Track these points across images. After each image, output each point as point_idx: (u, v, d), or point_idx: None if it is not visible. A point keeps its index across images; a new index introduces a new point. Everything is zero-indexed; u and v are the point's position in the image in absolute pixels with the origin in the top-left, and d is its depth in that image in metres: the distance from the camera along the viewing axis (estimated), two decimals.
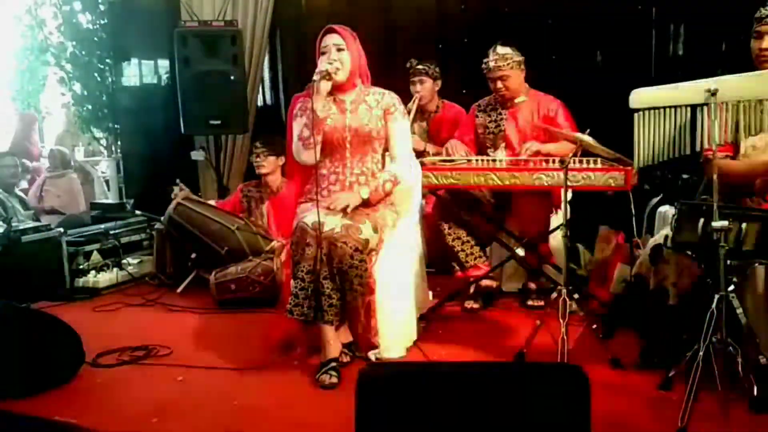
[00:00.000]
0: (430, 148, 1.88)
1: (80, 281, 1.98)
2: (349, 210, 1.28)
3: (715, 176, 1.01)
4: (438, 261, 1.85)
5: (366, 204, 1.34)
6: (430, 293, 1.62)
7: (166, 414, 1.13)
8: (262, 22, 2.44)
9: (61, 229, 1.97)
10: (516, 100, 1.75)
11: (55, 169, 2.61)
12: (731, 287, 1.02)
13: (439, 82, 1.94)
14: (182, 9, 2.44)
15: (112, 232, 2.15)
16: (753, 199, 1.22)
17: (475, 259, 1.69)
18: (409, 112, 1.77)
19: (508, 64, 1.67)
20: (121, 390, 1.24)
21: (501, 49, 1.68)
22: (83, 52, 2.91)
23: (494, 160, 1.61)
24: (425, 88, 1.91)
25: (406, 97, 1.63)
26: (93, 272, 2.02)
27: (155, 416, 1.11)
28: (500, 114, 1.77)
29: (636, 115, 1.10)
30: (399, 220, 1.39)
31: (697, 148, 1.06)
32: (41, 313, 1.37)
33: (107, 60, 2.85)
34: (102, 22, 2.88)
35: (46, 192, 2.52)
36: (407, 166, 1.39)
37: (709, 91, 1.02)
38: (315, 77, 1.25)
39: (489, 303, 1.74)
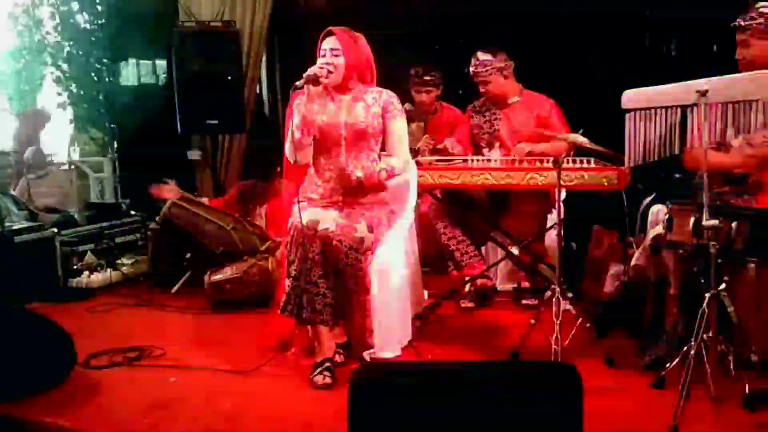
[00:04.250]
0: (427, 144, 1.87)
1: (74, 281, 1.97)
2: (337, 183, 1.27)
3: (705, 175, 1.02)
4: (433, 260, 1.86)
5: (359, 194, 1.33)
6: (426, 292, 1.62)
7: (158, 416, 1.12)
8: (260, 23, 2.44)
9: (55, 229, 1.96)
10: (509, 101, 1.76)
11: (35, 170, 2.51)
12: (722, 286, 1.03)
13: (441, 87, 1.96)
14: (180, 9, 2.44)
15: (106, 232, 2.14)
16: (744, 198, 1.23)
17: (470, 258, 1.70)
18: (409, 117, 1.77)
19: (486, 71, 1.69)
20: (113, 392, 1.22)
21: (481, 56, 1.70)
22: (80, 52, 2.90)
23: (489, 160, 1.62)
24: (430, 97, 1.94)
25: (403, 98, 1.60)
26: (87, 272, 2.00)
27: (147, 418, 1.11)
28: (494, 114, 1.78)
29: (627, 115, 1.11)
30: (394, 220, 1.39)
31: (685, 148, 1.08)
32: (32, 313, 1.36)
33: (104, 60, 2.85)
34: (100, 22, 2.87)
35: (34, 194, 2.48)
36: (402, 161, 1.38)
37: (699, 91, 1.03)
38: (299, 81, 1.25)
39: (484, 302, 1.74)
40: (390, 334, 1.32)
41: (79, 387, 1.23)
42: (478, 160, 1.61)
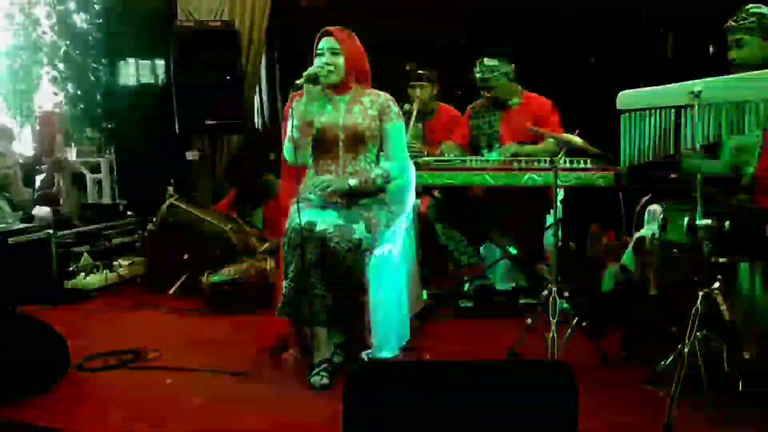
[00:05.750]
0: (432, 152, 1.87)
1: (69, 283, 1.96)
2: (328, 191, 1.28)
3: (698, 175, 1.03)
4: (432, 260, 1.86)
5: (356, 198, 1.33)
6: (424, 292, 1.62)
7: (154, 419, 1.10)
8: (260, 22, 2.44)
9: (51, 231, 1.94)
10: (509, 102, 1.79)
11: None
12: (716, 284, 1.04)
13: (437, 86, 1.97)
14: (178, 9, 2.42)
15: (103, 233, 2.14)
16: (738, 198, 1.24)
17: (469, 258, 1.71)
18: (408, 116, 1.77)
19: (494, 76, 1.72)
20: (107, 395, 1.21)
21: (488, 61, 1.72)
22: (77, 52, 2.90)
23: (487, 161, 1.63)
24: (425, 93, 1.94)
25: (400, 99, 1.61)
26: (82, 274, 2.00)
27: (143, 421, 1.10)
28: (494, 115, 1.81)
29: (623, 116, 1.12)
30: (393, 220, 1.39)
31: (682, 149, 1.08)
32: (25, 315, 1.35)
33: (102, 60, 2.84)
34: (97, 21, 2.86)
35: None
36: (401, 165, 1.39)
37: (692, 92, 1.04)
38: (299, 80, 1.26)
39: (483, 302, 1.75)
40: (388, 334, 1.32)
41: (74, 389, 1.22)
42: (476, 161, 1.62)
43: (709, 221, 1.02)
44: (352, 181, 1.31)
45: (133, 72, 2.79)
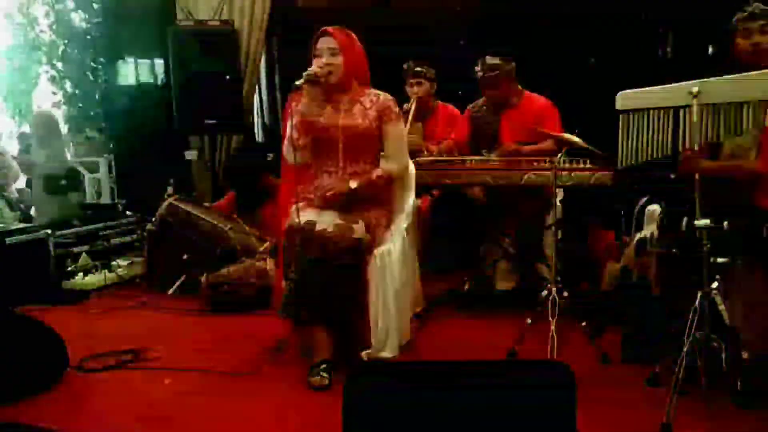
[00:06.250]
0: (430, 148, 1.88)
1: (68, 284, 1.96)
2: (329, 194, 1.28)
3: (697, 175, 1.04)
4: (432, 260, 1.86)
5: (357, 200, 1.33)
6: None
7: (152, 420, 1.10)
8: (259, 22, 2.43)
9: (49, 231, 1.94)
10: (509, 102, 1.79)
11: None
12: (714, 284, 1.05)
13: (435, 84, 1.97)
14: (177, 8, 2.42)
15: (102, 233, 2.14)
16: (736, 198, 1.25)
17: (469, 258, 1.73)
18: (407, 114, 1.77)
19: (496, 75, 1.72)
20: (106, 395, 1.21)
21: (490, 60, 1.73)
22: (75, 51, 2.89)
23: (488, 160, 1.63)
24: (423, 90, 1.94)
25: (399, 98, 1.62)
26: (81, 274, 1.99)
27: (141, 422, 1.10)
28: (494, 115, 1.81)
29: (622, 116, 1.12)
30: (393, 220, 1.39)
31: (679, 149, 1.09)
32: (22, 315, 1.34)
33: (101, 59, 2.83)
34: (96, 20, 2.85)
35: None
36: (401, 166, 1.39)
37: (691, 93, 1.04)
38: (299, 81, 1.26)
39: (482, 302, 1.76)
40: (388, 334, 1.32)
41: (72, 391, 1.22)
42: (476, 161, 1.62)
43: (708, 221, 1.03)
44: (354, 184, 1.32)
45: (132, 71, 2.78)
